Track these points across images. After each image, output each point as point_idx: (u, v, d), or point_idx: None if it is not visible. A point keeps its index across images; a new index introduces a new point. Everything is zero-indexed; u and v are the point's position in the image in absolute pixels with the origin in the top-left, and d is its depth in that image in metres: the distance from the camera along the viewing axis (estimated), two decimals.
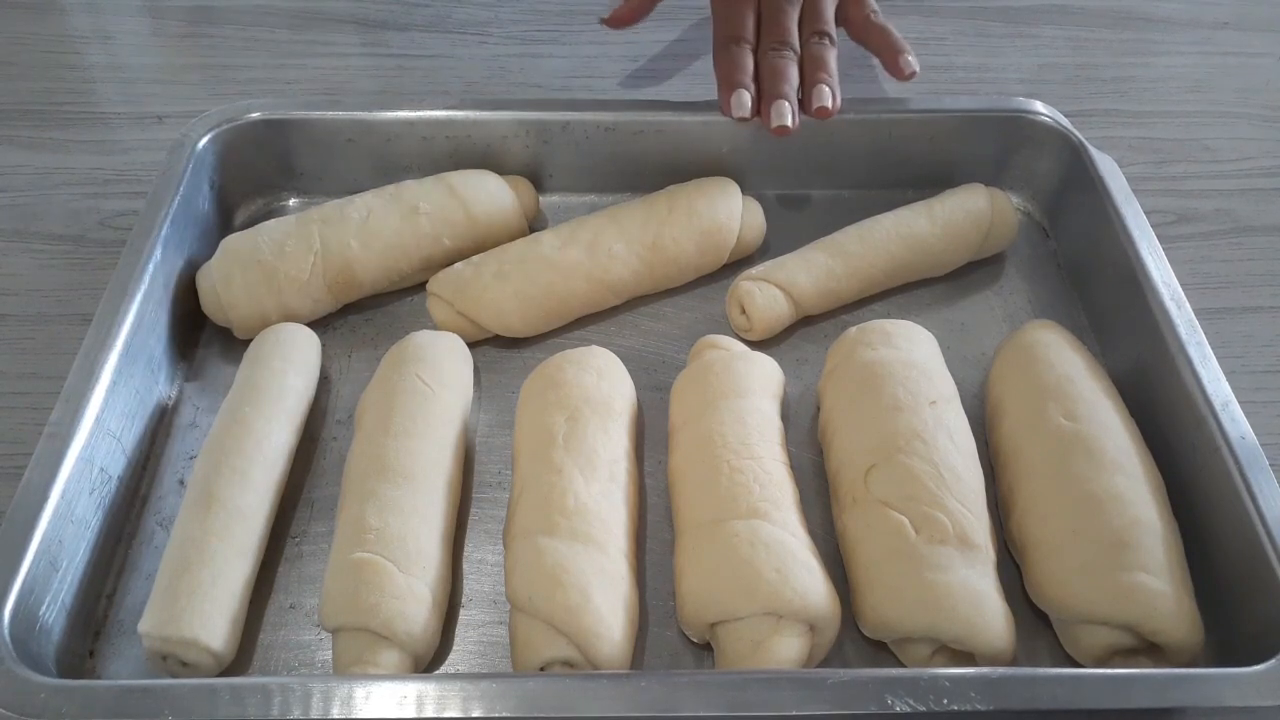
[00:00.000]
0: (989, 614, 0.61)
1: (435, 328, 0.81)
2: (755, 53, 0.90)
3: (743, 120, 0.87)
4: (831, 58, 0.89)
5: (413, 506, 0.66)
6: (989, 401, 0.77)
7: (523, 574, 0.63)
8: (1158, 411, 0.73)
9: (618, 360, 0.77)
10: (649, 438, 0.77)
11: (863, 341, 0.76)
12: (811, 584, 0.62)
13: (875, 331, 0.76)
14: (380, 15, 1.18)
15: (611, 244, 0.83)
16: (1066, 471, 0.67)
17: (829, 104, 0.86)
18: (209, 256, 0.82)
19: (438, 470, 0.69)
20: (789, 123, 0.85)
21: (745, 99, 0.86)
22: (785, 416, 0.77)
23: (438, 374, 0.74)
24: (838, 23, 0.94)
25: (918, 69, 0.90)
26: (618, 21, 0.99)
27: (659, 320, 0.86)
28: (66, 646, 0.63)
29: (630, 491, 0.70)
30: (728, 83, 0.88)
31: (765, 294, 0.82)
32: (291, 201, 0.93)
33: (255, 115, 0.88)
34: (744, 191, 0.89)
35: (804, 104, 0.87)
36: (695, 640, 0.66)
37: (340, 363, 0.82)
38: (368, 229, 0.82)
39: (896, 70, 0.91)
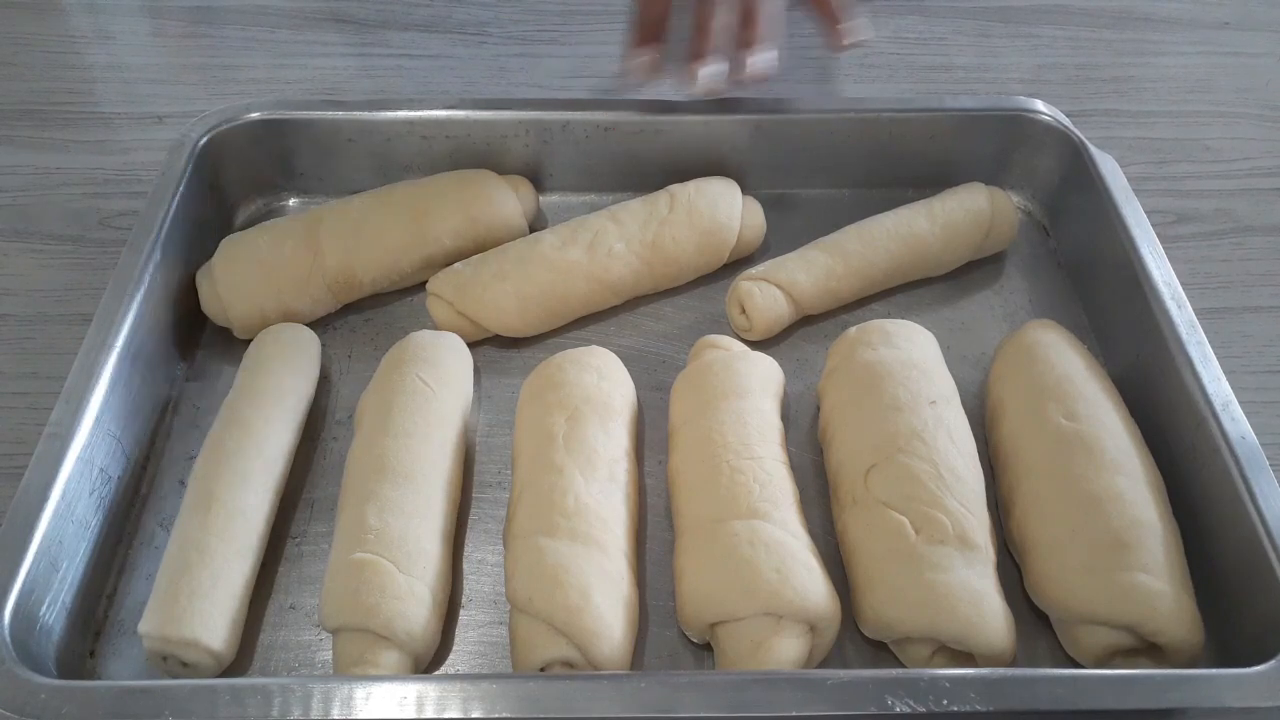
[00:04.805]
0: (989, 614, 0.61)
1: (435, 328, 0.81)
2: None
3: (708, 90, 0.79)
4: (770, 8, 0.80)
5: (413, 506, 0.66)
6: (989, 401, 0.77)
7: (523, 574, 0.63)
8: (1158, 411, 0.73)
9: (618, 360, 0.77)
10: (649, 438, 0.77)
11: (863, 341, 0.76)
12: (811, 584, 0.62)
13: (875, 331, 0.76)
14: (380, 15, 1.18)
15: (611, 244, 0.83)
16: (1066, 471, 0.67)
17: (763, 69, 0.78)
18: (209, 256, 0.82)
19: (437, 470, 0.69)
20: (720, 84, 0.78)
21: (712, 71, 0.78)
22: (785, 416, 0.77)
23: (438, 374, 0.74)
24: None
25: (865, 37, 0.81)
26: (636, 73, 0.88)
27: (659, 320, 0.86)
28: (66, 647, 0.63)
29: (630, 491, 0.70)
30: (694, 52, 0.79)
31: (765, 294, 0.81)
32: (291, 201, 0.93)
33: (255, 115, 0.88)
34: (744, 191, 0.88)
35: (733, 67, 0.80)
36: (695, 640, 0.66)
37: (340, 363, 0.82)
38: (368, 229, 0.82)
39: (834, 37, 0.81)
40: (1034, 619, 0.67)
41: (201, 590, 0.62)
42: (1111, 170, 0.86)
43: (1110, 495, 0.65)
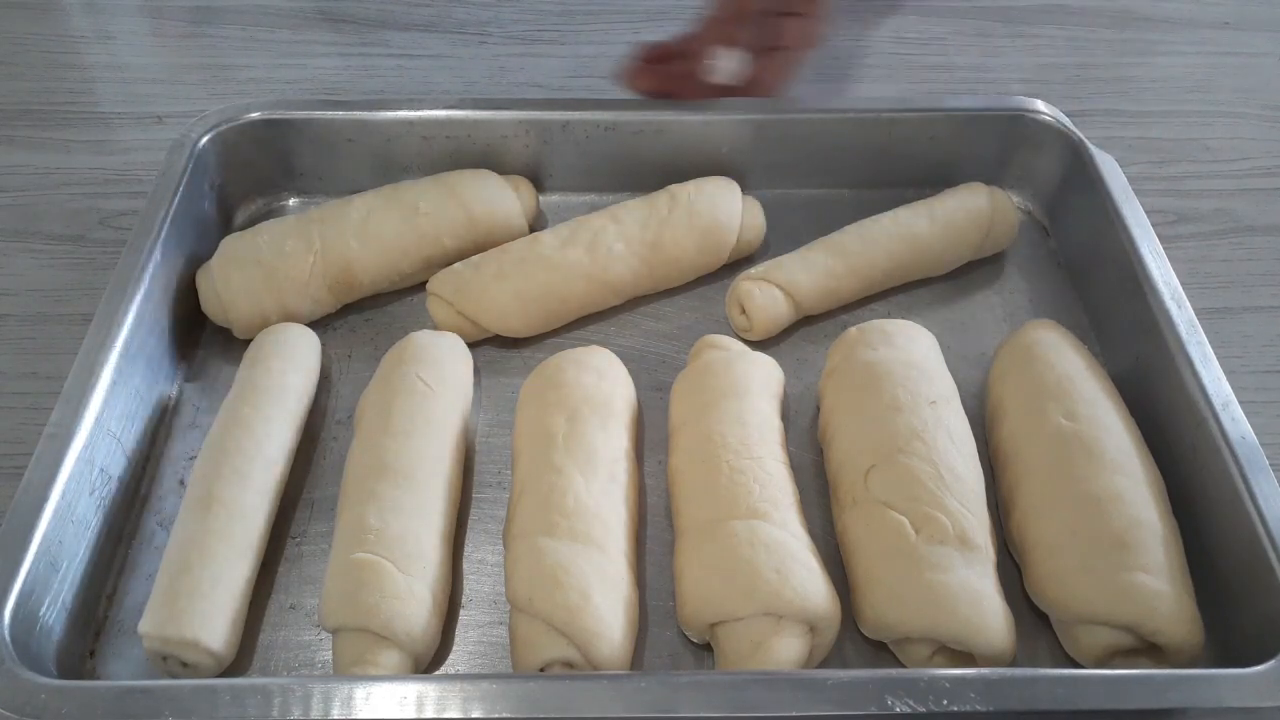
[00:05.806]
0: (989, 614, 0.61)
1: (435, 328, 0.81)
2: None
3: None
4: None
5: (413, 507, 0.66)
6: (989, 401, 0.77)
7: (523, 574, 0.63)
8: (1158, 411, 0.73)
9: (618, 360, 0.77)
10: (649, 438, 0.77)
11: (863, 341, 0.76)
12: (811, 584, 0.62)
13: (875, 331, 0.76)
14: (380, 15, 1.18)
15: (611, 244, 0.83)
16: (1066, 472, 0.67)
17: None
18: (209, 256, 0.82)
19: (437, 470, 0.69)
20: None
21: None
22: (785, 416, 0.77)
23: (438, 374, 0.74)
24: None
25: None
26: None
27: (659, 320, 0.86)
28: (66, 647, 0.63)
29: (630, 491, 0.70)
30: None
31: (765, 294, 0.81)
32: (291, 201, 0.93)
33: (255, 115, 0.88)
34: (744, 191, 0.88)
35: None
36: (695, 640, 0.66)
37: (340, 363, 0.82)
38: (368, 229, 0.82)
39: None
40: (1034, 619, 0.67)
41: (201, 590, 0.62)
42: (1111, 170, 0.86)
43: (1110, 495, 0.65)
